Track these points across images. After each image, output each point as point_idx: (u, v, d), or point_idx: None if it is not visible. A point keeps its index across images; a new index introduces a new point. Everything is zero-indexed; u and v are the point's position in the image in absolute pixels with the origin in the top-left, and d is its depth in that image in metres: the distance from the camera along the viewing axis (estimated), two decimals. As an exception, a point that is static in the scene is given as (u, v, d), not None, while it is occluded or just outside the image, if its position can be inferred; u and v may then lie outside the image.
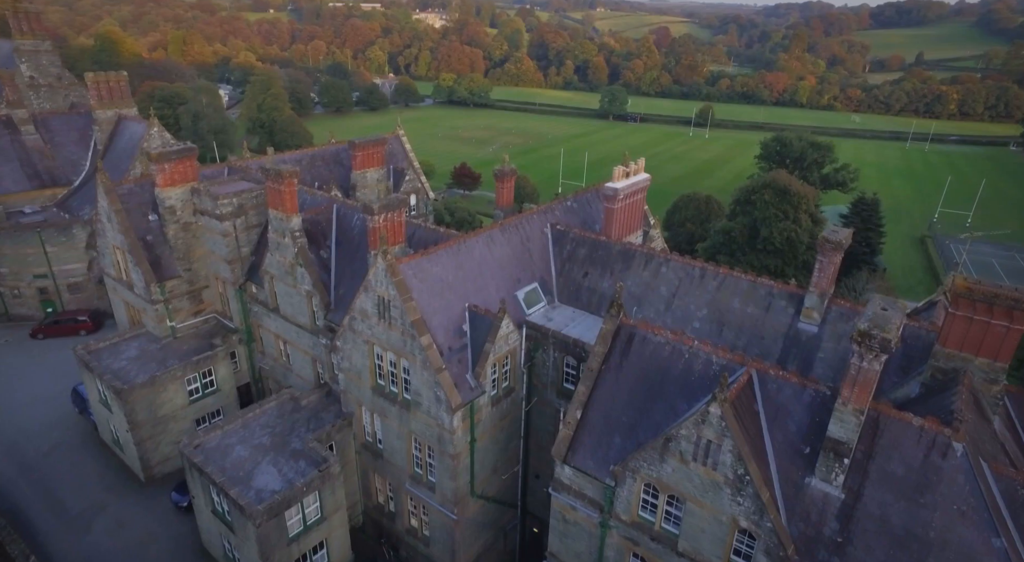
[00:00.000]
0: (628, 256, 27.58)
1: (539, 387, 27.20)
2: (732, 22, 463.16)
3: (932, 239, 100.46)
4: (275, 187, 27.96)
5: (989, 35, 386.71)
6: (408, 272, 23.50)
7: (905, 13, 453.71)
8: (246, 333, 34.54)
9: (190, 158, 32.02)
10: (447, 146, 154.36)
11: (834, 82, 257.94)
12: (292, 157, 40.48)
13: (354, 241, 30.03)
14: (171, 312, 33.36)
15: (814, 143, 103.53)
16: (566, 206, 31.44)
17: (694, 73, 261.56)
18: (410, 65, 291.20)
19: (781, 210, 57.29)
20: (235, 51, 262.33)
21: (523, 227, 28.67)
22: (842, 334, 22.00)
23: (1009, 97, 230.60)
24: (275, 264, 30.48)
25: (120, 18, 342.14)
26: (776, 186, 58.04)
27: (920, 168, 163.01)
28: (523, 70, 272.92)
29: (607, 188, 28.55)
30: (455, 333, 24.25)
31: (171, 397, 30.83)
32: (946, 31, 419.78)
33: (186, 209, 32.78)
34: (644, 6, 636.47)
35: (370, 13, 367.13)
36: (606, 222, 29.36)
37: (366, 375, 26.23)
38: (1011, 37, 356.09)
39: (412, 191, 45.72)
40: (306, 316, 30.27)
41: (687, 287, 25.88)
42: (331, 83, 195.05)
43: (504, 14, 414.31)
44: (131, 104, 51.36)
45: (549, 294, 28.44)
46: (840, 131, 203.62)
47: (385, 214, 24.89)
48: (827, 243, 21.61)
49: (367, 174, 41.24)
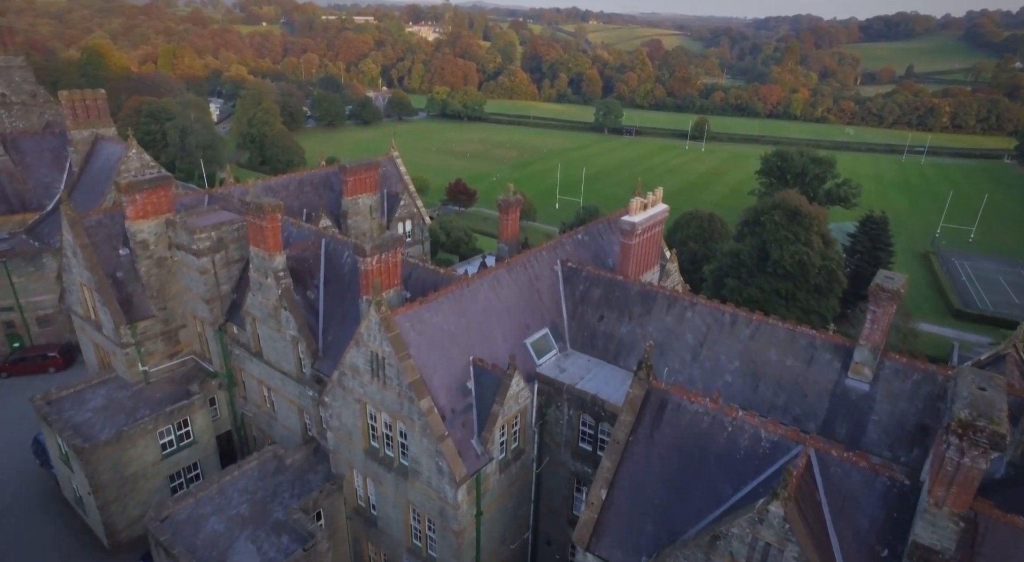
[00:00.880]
0: (648, 298, 24.94)
1: (551, 446, 24.39)
2: (723, 35, 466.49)
3: (936, 255, 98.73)
4: (256, 223, 25.17)
5: (976, 48, 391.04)
6: (405, 324, 20.73)
7: (893, 26, 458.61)
8: (227, 377, 31.56)
9: (165, 187, 29.19)
10: (441, 160, 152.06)
11: (827, 94, 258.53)
12: (279, 183, 37.73)
13: (344, 280, 27.25)
14: (143, 355, 30.35)
15: (815, 158, 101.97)
16: (577, 240, 28.81)
17: (688, 85, 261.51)
18: (403, 78, 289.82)
19: (791, 232, 55.01)
20: (227, 64, 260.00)
21: (531, 265, 26.00)
22: (899, 394, 19.37)
23: (1000, 110, 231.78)
24: (257, 305, 27.62)
25: (111, 30, 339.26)
26: (786, 207, 55.81)
27: (917, 181, 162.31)
28: (517, 83, 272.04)
29: (624, 222, 25.94)
30: (459, 392, 21.45)
31: (141, 453, 27.76)
32: (934, 44, 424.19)
33: (160, 243, 29.90)
34: (636, 19, 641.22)
35: (363, 26, 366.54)
36: (622, 259, 26.73)
37: (358, 436, 23.34)
38: (997, 50, 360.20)
39: (407, 216, 43.02)
40: (291, 363, 27.38)
41: (716, 335, 23.25)
42: (324, 96, 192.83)
43: (497, 27, 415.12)
44: (109, 123, 48.47)
45: (561, 340, 25.72)
46: (835, 144, 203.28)
47: (379, 255, 22.19)
48: (881, 292, 19.05)
49: (359, 200, 38.54)
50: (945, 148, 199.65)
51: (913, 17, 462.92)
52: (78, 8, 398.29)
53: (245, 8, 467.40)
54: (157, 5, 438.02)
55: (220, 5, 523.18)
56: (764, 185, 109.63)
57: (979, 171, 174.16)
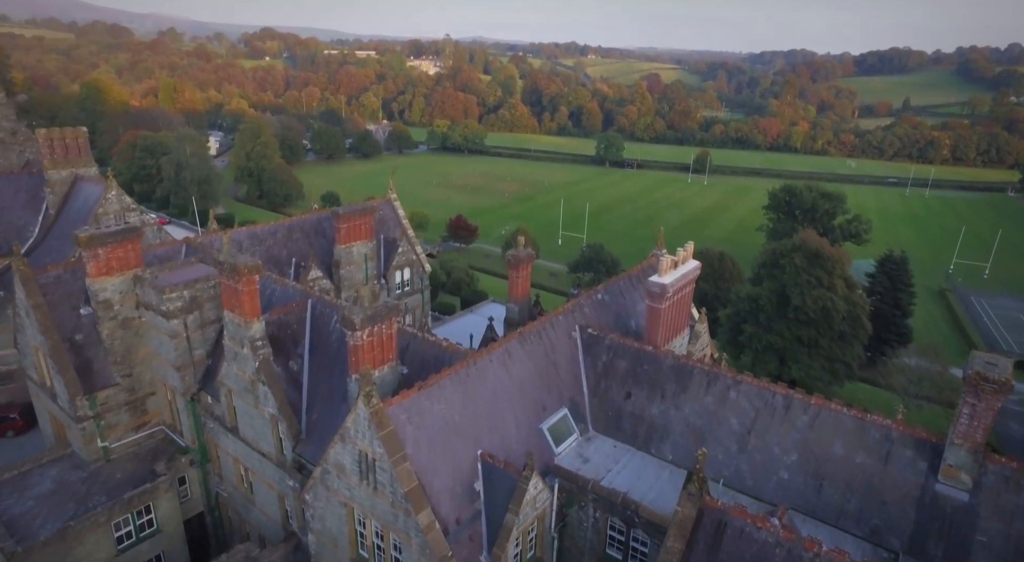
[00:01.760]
0: (683, 374, 21.49)
1: (573, 552, 20.60)
2: (720, 68, 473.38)
3: (953, 292, 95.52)
4: (231, 285, 21.87)
5: (969, 82, 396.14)
6: (401, 417, 17.22)
7: (887, 61, 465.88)
8: (200, 453, 27.82)
9: (133, 240, 25.98)
10: (441, 194, 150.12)
11: (827, 127, 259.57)
12: (265, 230, 34.60)
13: (332, 349, 23.82)
14: (103, 429, 26.68)
15: (825, 193, 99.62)
16: (596, 300, 25.48)
17: (688, 119, 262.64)
18: (404, 111, 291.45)
19: (813, 275, 51.85)
20: (228, 98, 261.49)
21: (547, 334, 22.60)
22: (1013, 509, 15.75)
23: (1000, 143, 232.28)
24: (232, 376, 24.11)
25: (117, 65, 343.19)
26: (807, 249, 52.78)
27: (923, 214, 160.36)
28: (517, 116, 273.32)
29: (653, 284, 22.65)
30: (465, 496, 17.81)
31: (90, 551, 23.86)
32: (928, 78, 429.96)
33: (127, 301, 26.53)
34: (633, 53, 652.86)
35: (365, 60, 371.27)
36: (650, 325, 23.35)
37: (344, 544, 19.58)
38: (990, 85, 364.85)
39: (406, 264, 39.84)
40: (270, 444, 23.73)
41: (767, 421, 19.72)
42: (324, 129, 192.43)
43: (497, 61, 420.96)
44: (90, 163, 45.60)
45: (582, 421, 22.16)
46: (837, 176, 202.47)
47: (370, 328, 18.85)
48: (984, 383, 15.62)
49: (353, 248, 35.39)
50: (948, 181, 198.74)
51: (906, 52, 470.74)
52: (86, 44, 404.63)
53: (249, 43, 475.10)
54: (163, 41, 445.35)
55: (225, 40, 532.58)
56: (772, 221, 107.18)
57: (984, 204, 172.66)
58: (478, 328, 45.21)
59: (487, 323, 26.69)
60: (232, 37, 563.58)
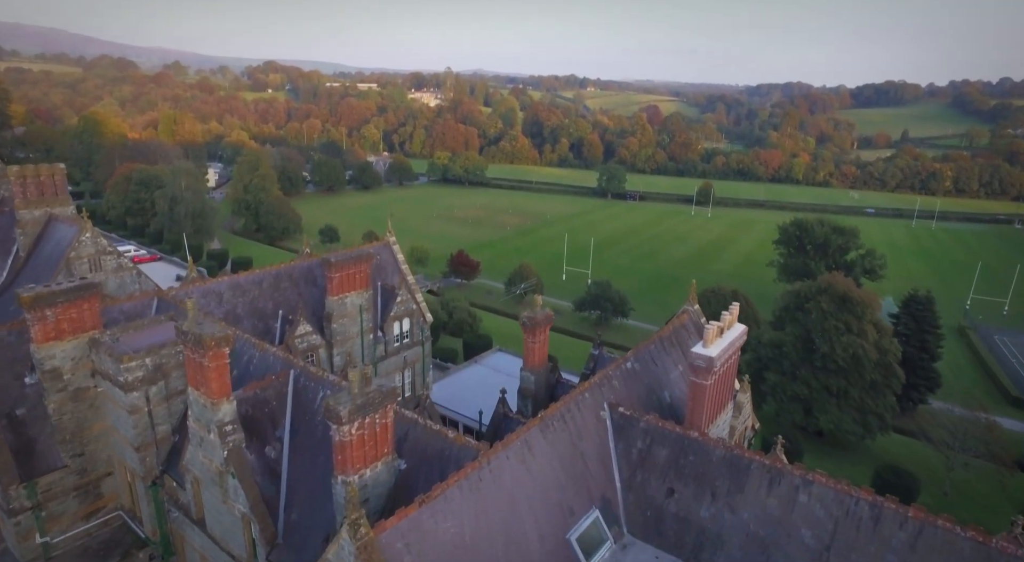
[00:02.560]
0: (738, 468, 17.77)
1: None
2: (719, 101, 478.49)
3: (974, 331, 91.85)
4: (196, 360, 18.31)
5: (965, 115, 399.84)
6: (397, 545, 13.46)
7: (883, 93, 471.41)
8: (162, 546, 23.81)
9: (89, 299, 22.52)
10: (442, 227, 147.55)
11: (827, 159, 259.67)
12: (250, 279, 31.15)
13: (318, 431, 20.11)
14: (43, 522, 22.74)
15: (837, 227, 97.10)
16: (625, 370, 21.88)
17: (689, 150, 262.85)
18: (404, 143, 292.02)
19: (841, 321, 48.34)
20: (229, 129, 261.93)
21: (571, 417, 18.95)
22: None
23: (1002, 174, 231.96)
24: (198, 464, 20.35)
25: (121, 98, 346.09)
26: (833, 292, 49.38)
27: (931, 247, 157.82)
28: (518, 148, 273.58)
29: (698, 358, 19.10)
30: (476, 646, 13.91)
31: None
32: (924, 111, 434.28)
33: (80, 369, 22.91)
34: (631, 86, 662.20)
35: (366, 92, 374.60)
36: (693, 404, 19.73)
37: None
38: (986, 117, 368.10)
39: (405, 314, 36.31)
40: (241, 546, 19.84)
41: (850, 534, 15.91)
42: (324, 161, 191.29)
43: (497, 93, 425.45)
44: (67, 202, 42.48)
45: (615, 523, 18.34)
46: (840, 208, 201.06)
47: (360, 420, 15.25)
48: None
49: (347, 300, 31.93)
50: (953, 212, 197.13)
51: (901, 85, 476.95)
52: (91, 78, 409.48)
53: (252, 76, 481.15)
54: (167, 73, 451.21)
55: (228, 73, 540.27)
56: (783, 255, 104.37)
57: (992, 236, 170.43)
58: (485, 383, 41.55)
59: (499, 396, 22.98)
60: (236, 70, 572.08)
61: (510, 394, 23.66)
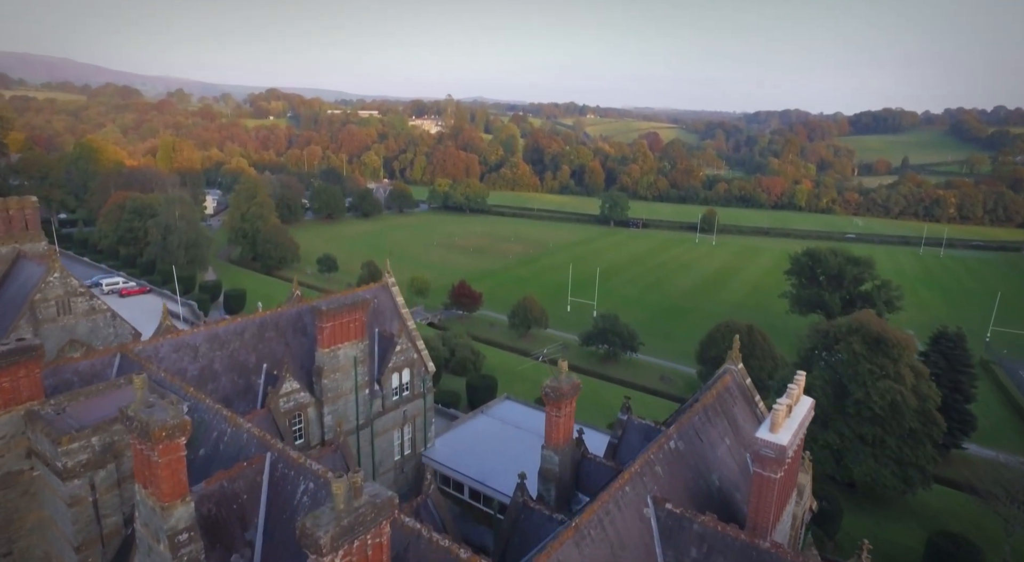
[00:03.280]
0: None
1: None
2: (718, 127, 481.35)
3: (999, 365, 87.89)
4: (143, 452, 14.69)
5: (963, 142, 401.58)
6: None
7: (881, 120, 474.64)
8: (109, 658, 19.79)
9: (28, 364, 18.99)
10: (442, 256, 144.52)
11: (830, 186, 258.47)
12: (231, 329, 27.66)
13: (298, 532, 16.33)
14: (-32, 637, 18.85)
15: (852, 258, 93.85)
16: (669, 450, 18.25)
17: (690, 177, 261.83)
18: (405, 170, 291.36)
19: (876, 364, 44.66)
20: (229, 156, 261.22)
21: (610, 521, 15.27)
22: None
23: (1007, 201, 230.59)
24: (149, 573, 16.52)
25: (123, 125, 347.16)
26: (866, 333, 45.81)
27: (942, 275, 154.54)
28: (519, 175, 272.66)
29: (765, 446, 15.52)
30: None
31: None
32: (922, 138, 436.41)
33: (13, 448, 19.27)
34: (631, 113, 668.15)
35: (367, 119, 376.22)
36: (759, 502, 16.06)
37: None
38: (984, 145, 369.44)
39: (405, 364, 32.73)
40: None
41: None
42: (323, 188, 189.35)
43: (498, 120, 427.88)
44: (38, 237, 39.26)
45: (669, 662, 14.50)
46: (845, 235, 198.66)
47: (346, 547, 11.62)
48: None
49: (339, 352, 28.42)
50: (960, 240, 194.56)
51: (899, 112, 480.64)
52: (95, 105, 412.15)
53: (254, 103, 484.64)
54: (170, 101, 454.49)
55: (231, 100, 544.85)
56: (794, 286, 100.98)
57: (1001, 264, 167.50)
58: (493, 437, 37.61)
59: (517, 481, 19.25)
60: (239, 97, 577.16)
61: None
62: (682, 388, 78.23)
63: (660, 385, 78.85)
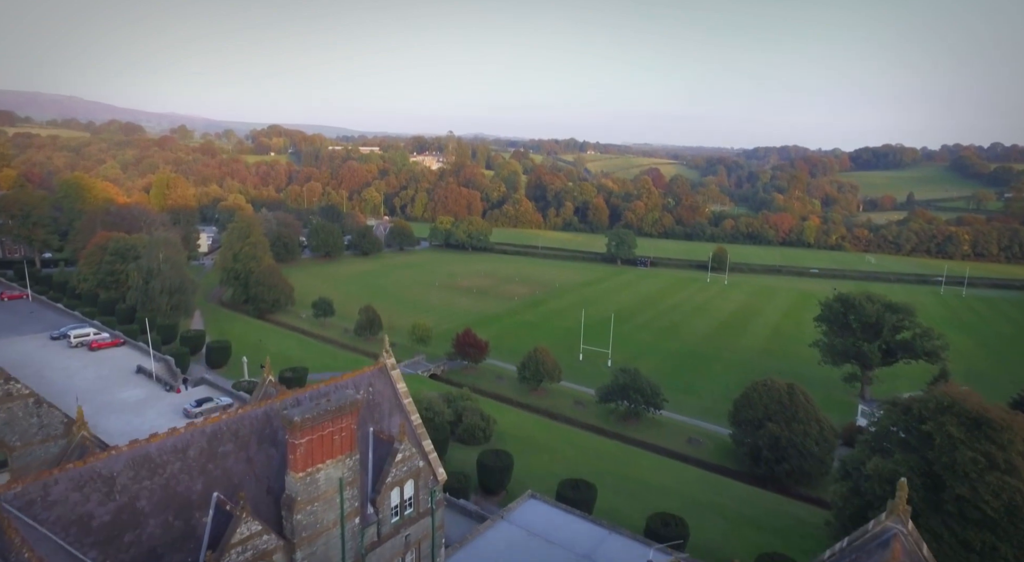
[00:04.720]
0: None
1: None
2: (719, 163, 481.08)
3: (1059, 425, 79.50)
4: None
5: (966, 178, 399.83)
6: None
7: (882, 156, 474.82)
8: None
9: None
10: (445, 298, 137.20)
11: (838, 222, 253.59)
12: (171, 444, 20.09)
13: None
14: None
15: (890, 305, 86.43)
16: None
17: (696, 213, 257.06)
18: (406, 206, 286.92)
19: (980, 452, 36.79)
20: (228, 192, 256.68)
21: None
22: None
23: (1022, 238, 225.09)
24: None
25: (123, 161, 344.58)
26: (962, 413, 38.12)
27: (968, 317, 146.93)
28: (522, 211, 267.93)
29: None
30: None
31: None
32: (924, 174, 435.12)
33: None
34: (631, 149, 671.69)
35: (368, 156, 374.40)
36: None
37: None
38: (988, 181, 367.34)
39: (408, 476, 25.01)
40: None
41: None
42: (321, 226, 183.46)
43: (499, 156, 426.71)
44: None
45: None
46: (859, 273, 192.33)
47: None
48: None
49: (319, 475, 20.77)
50: (979, 278, 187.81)
51: (899, 148, 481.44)
52: (97, 142, 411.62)
53: (256, 139, 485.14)
54: (171, 137, 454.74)
55: (233, 136, 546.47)
56: (825, 334, 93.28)
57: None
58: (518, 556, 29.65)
59: None
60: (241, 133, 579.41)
61: None
62: (714, 453, 69.97)
63: (688, 449, 70.75)
